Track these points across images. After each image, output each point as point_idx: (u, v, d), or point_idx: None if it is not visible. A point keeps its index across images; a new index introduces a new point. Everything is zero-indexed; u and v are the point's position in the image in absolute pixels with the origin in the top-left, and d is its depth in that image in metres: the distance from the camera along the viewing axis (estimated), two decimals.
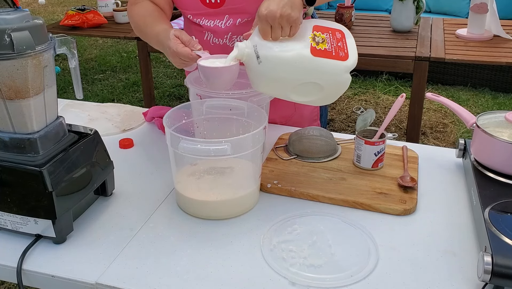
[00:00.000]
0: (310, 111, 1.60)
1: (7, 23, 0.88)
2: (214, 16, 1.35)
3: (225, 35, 1.38)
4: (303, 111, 1.58)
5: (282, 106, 1.52)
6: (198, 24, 1.39)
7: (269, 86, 1.13)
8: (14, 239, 1.01)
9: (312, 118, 1.62)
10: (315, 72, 1.09)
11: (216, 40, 1.39)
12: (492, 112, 1.22)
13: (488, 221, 0.95)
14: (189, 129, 1.18)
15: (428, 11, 4.53)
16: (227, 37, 1.38)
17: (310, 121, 1.61)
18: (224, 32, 1.37)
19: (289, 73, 1.08)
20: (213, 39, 1.39)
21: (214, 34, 1.39)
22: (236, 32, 1.37)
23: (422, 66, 2.52)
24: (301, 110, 1.57)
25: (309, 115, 1.60)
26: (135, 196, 1.17)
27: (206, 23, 1.37)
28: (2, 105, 0.93)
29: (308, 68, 1.08)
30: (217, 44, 1.39)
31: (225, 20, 1.35)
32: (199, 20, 1.38)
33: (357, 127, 1.30)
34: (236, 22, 1.35)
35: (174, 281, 0.91)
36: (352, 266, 0.94)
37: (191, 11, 1.38)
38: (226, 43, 1.38)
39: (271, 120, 1.51)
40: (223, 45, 1.39)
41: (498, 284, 0.86)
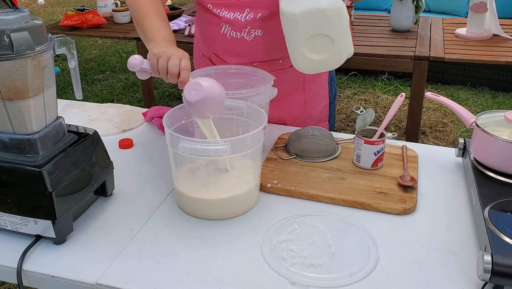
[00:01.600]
0: (319, 111, 1.60)
1: (7, 24, 0.88)
2: (234, 8, 1.35)
3: (244, 29, 1.37)
4: (313, 110, 1.58)
5: (292, 104, 1.52)
6: (216, 16, 1.39)
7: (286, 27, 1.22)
8: (14, 239, 1.01)
9: (321, 118, 1.62)
10: (330, 24, 1.19)
11: (234, 33, 1.38)
12: (492, 112, 1.22)
13: (488, 220, 0.95)
14: (188, 130, 1.18)
15: (428, 11, 4.53)
16: (245, 31, 1.37)
17: (318, 121, 1.61)
18: (243, 26, 1.37)
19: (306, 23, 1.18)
20: (230, 32, 1.39)
21: (232, 27, 1.38)
22: (254, 26, 1.36)
23: (422, 65, 2.52)
24: (311, 109, 1.57)
25: (318, 115, 1.60)
26: (135, 196, 1.17)
27: (225, 14, 1.36)
28: (2, 106, 0.93)
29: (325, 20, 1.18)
30: (234, 37, 1.39)
31: (246, 14, 1.35)
32: (219, 11, 1.37)
33: (357, 127, 1.30)
34: (256, 16, 1.35)
35: (174, 281, 0.91)
36: (352, 265, 0.94)
37: (212, 1, 1.37)
38: (244, 37, 1.38)
39: (280, 118, 1.53)
40: (240, 39, 1.39)
41: (498, 283, 0.86)
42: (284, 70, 1.46)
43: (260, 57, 1.43)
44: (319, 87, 1.57)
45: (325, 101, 1.61)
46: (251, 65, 1.43)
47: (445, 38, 2.82)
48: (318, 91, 1.58)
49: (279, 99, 1.43)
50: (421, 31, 2.92)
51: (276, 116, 1.52)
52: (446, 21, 3.22)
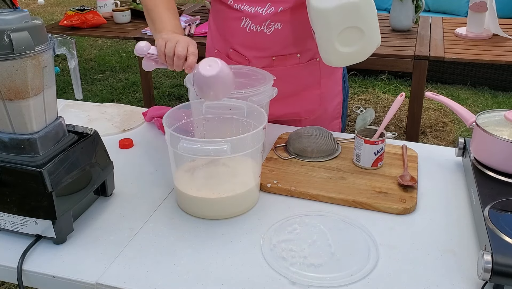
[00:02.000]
0: (333, 107, 1.61)
1: (6, 24, 0.88)
2: (256, 2, 1.37)
3: (264, 22, 1.38)
4: (328, 106, 1.58)
5: (307, 100, 1.53)
6: (237, 10, 1.39)
7: (319, 22, 1.25)
8: (14, 239, 1.01)
9: (334, 115, 1.62)
10: (362, 16, 1.23)
11: (254, 27, 1.39)
12: (492, 111, 1.22)
13: (488, 219, 0.95)
14: (188, 129, 1.18)
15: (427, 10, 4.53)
16: (265, 24, 1.38)
17: (332, 118, 1.62)
18: (264, 19, 1.38)
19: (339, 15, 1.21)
20: (250, 25, 1.39)
21: (252, 21, 1.39)
22: (275, 20, 1.37)
23: (422, 65, 2.52)
24: (326, 105, 1.57)
25: (332, 112, 1.61)
26: (135, 196, 1.17)
27: (247, 8, 1.38)
28: (2, 105, 0.93)
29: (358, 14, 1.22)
30: (254, 31, 1.40)
31: (267, 8, 1.36)
32: (240, 5, 1.38)
33: (357, 126, 1.30)
34: (277, 9, 1.36)
35: (174, 281, 0.91)
36: (352, 265, 0.94)
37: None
38: (264, 30, 1.39)
39: (296, 114, 1.55)
40: (260, 32, 1.39)
41: (498, 282, 0.86)
42: (301, 65, 1.47)
43: (278, 51, 1.44)
44: (334, 84, 1.58)
45: (339, 98, 1.62)
46: (269, 59, 1.44)
47: (445, 37, 2.82)
48: (333, 88, 1.59)
49: (295, 95, 1.46)
50: (421, 31, 2.92)
51: (292, 112, 1.53)
52: (446, 20, 3.22)
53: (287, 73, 1.45)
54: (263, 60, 1.45)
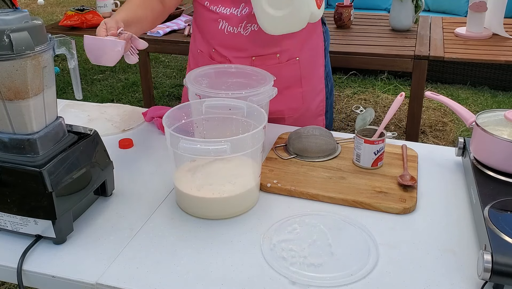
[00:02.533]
0: (316, 105, 1.63)
1: (6, 24, 0.88)
2: (230, 4, 1.39)
3: (240, 24, 1.41)
4: (310, 104, 1.60)
5: (290, 98, 1.55)
6: (213, 12, 1.42)
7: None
8: (14, 239, 1.01)
9: (317, 112, 1.64)
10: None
11: (231, 28, 1.42)
12: (492, 111, 1.22)
13: (487, 219, 0.95)
14: (188, 129, 1.18)
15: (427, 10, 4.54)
16: (241, 25, 1.40)
17: (316, 115, 1.63)
18: (239, 21, 1.40)
19: None
20: (227, 27, 1.42)
21: (228, 23, 1.41)
22: (250, 21, 1.39)
23: (421, 65, 2.52)
24: (308, 103, 1.60)
25: (315, 109, 1.63)
26: (135, 196, 1.17)
27: (222, 10, 1.40)
28: (2, 106, 0.93)
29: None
30: (231, 32, 1.42)
31: (241, 9, 1.39)
32: (216, 7, 1.41)
33: (357, 126, 1.30)
34: (251, 10, 1.37)
35: (174, 281, 0.91)
36: (352, 265, 0.94)
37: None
38: (241, 32, 1.41)
39: (279, 112, 1.56)
40: (237, 34, 1.42)
41: (498, 282, 0.86)
42: (281, 64, 1.49)
43: (257, 51, 1.46)
44: (316, 81, 1.60)
45: (322, 95, 1.64)
46: (249, 59, 1.46)
47: (445, 37, 2.82)
48: (315, 86, 1.61)
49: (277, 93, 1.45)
50: (420, 31, 2.92)
51: (276, 110, 1.54)
52: (446, 20, 3.22)
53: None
54: (243, 60, 1.47)
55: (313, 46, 1.56)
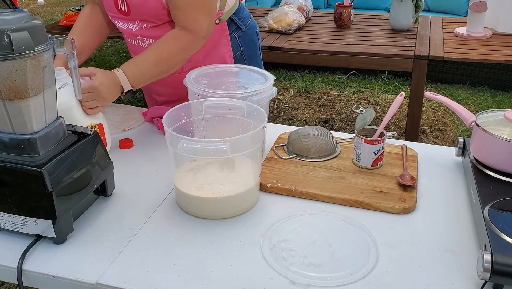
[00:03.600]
0: None
1: (6, 24, 0.88)
2: (127, 20, 1.45)
3: (137, 37, 1.47)
4: None
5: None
6: (117, 26, 1.50)
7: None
8: (14, 239, 1.01)
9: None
10: None
11: (132, 41, 1.50)
12: (491, 111, 1.22)
13: (487, 219, 0.95)
14: (188, 129, 1.18)
15: (427, 10, 4.54)
16: (138, 38, 1.47)
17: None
18: (135, 35, 1.47)
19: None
20: (130, 40, 1.51)
21: (128, 36, 1.50)
22: (145, 35, 1.46)
23: (421, 65, 2.52)
24: None
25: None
26: (135, 196, 1.17)
27: (121, 25, 1.47)
28: (2, 105, 0.93)
29: None
30: (134, 45, 1.50)
31: (136, 25, 1.44)
32: (116, 22, 1.48)
33: (357, 126, 1.30)
34: (142, 26, 1.44)
35: (174, 281, 0.91)
36: (352, 264, 0.94)
37: (110, 13, 1.48)
38: (140, 44, 1.48)
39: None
40: (137, 46, 1.49)
41: (497, 282, 0.86)
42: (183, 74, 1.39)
43: None
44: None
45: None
46: None
47: (445, 37, 2.82)
48: None
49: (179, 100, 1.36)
50: (420, 31, 2.92)
51: None
52: (446, 20, 3.22)
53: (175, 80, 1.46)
54: None
55: (218, 56, 1.53)
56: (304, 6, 3.20)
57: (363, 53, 2.60)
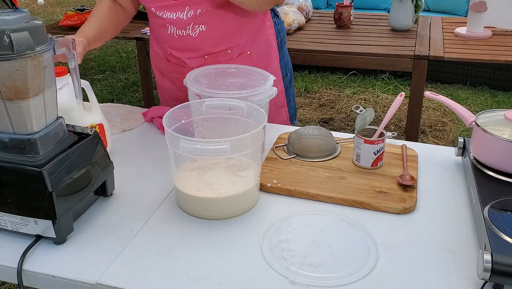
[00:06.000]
0: (276, 96, 1.62)
1: (7, 24, 0.88)
2: (175, 8, 1.41)
3: (188, 26, 1.43)
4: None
5: None
6: (161, 18, 1.45)
7: None
8: (15, 239, 1.01)
9: (279, 104, 1.66)
10: None
11: (180, 32, 1.45)
12: (491, 111, 1.22)
13: (487, 219, 0.95)
14: (188, 129, 1.18)
15: (427, 10, 4.54)
16: (189, 28, 1.43)
17: (277, 107, 1.65)
18: (187, 23, 1.42)
19: None
20: (176, 31, 1.45)
21: (176, 27, 1.44)
22: (197, 22, 1.42)
23: (421, 65, 2.52)
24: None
25: (275, 101, 1.62)
26: (135, 196, 1.17)
27: (168, 15, 1.42)
28: (2, 106, 0.93)
29: None
30: (181, 35, 1.45)
31: (186, 12, 1.40)
32: (162, 13, 1.43)
33: (356, 126, 1.30)
34: (196, 12, 1.40)
35: (174, 281, 0.91)
36: (352, 264, 0.94)
37: (154, 4, 1.44)
38: (190, 34, 1.44)
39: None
40: (186, 36, 1.45)
41: (497, 282, 0.86)
42: (233, 60, 1.50)
43: (209, 50, 1.49)
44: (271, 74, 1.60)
45: (280, 87, 1.65)
46: (202, 58, 1.49)
47: (445, 37, 2.82)
48: None
49: None
50: (420, 31, 2.92)
51: None
52: (446, 20, 3.22)
53: None
54: (196, 60, 1.50)
55: (264, 39, 1.57)
56: (304, 6, 3.20)
57: (363, 53, 2.60)
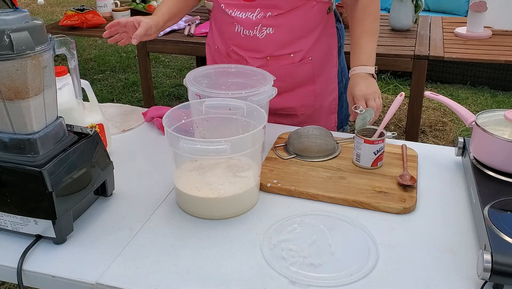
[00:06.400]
0: (329, 103, 1.64)
1: (7, 24, 0.88)
2: (246, 8, 1.42)
3: (256, 27, 1.44)
4: (323, 102, 1.62)
5: (302, 96, 1.58)
6: (229, 16, 1.46)
7: None
8: (15, 239, 1.01)
9: (330, 110, 1.65)
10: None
11: (247, 32, 1.45)
12: (491, 111, 1.22)
13: (487, 219, 0.95)
14: (188, 129, 1.18)
15: (427, 10, 4.53)
16: (257, 28, 1.44)
17: (328, 113, 1.65)
18: (255, 24, 1.43)
19: None
20: (243, 31, 1.46)
21: (244, 26, 1.45)
22: (265, 25, 1.43)
23: (421, 64, 2.52)
24: (321, 101, 1.61)
25: (328, 107, 1.64)
26: (135, 196, 1.17)
27: (238, 14, 1.44)
28: (2, 106, 0.93)
29: None
30: (247, 35, 1.46)
31: (256, 13, 1.42)
32: (231, 11, 1.44)
33: (357, 126, 1.30)
34: (266, 15, 1.41)
35: (174, 281, 0.91)
36: (352, 264, 0.94)
37: (225, 1, 1.45)
38: (256, 35, 1.45)
39: (291, 109, 1.60)
40: (253, 37, 1.45)
41: (497, 282, 0.86)
42: (295, 64, 1.51)
43: (272, 53, 1.49)
44: (328, 81, 1.62)
45: (335, 94, 1.65)
46: (264, 59, 1.49)
47: (445, 37, 2.81)
48: (328, 84, 1.62)
49: (289, 91, 1.53)
50: (420, 30, 2.92)
51: (288, 107, 1.58)
52: (446, 20, 3.22)
53: (281, 72, 1.49)
54: (258, 60, 1.50)
55: (325, 45, 1.57)
56: None
57: None
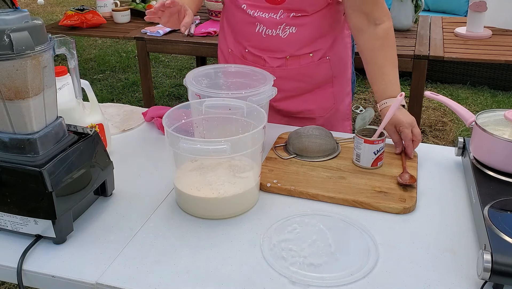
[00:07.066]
0: (345, 107, 1.65)
1: (7, 24, 0.88)
2: (269, 10, 1.41)
3: (279, 26, 1.42)
4: (339, 106, 1.63)
5: (321, 97, 1.58)
6: (251, 16, 1.44)
7: None
8: (14, 239, 1.01)
9: (345, 116, 1.66)
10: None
11: (269, 31, 1.43)
12: (491, 111, 1.22)
13: (487, 219, 0.95)
14: (188, 129, 1.18)
15: (427, 10, 4.53)
16: (280, 28, 1.42)
17: (344, 119, 1.66)
18: (278, 23, 1.42)
19: None
20: (265, 30, 1.44)
21: (266, 26, 1.43)
22: (289, 24, 1.42)
23: (421, 64, 2.52)
24: (338, 104, 1.62)
25: (343, 112, 1.65)
26: (135, 196, 1.17)
27: (261, 15, 1.42)
28: (2, 106, 0.93)
29: None
30: (269, 35, 1.44)
31: (280, 14, 1.41)
32: (254, 11, 1.42)
33: (356, 126, 1.30)
34: (290, 15, 1.40)
35: (174, 281, 0.91)
36: (352, 264, 0.94)
37: (246, 1, 1.43)
38: (279, 34, 1.43)
39: (310, 111, 1.59)
40: (275, 36, 1.44)
41: (497, 282, 0.86)
42: (314, 63, 1.51)
43: (293, 52, 1.48)
44: (345, 83, 1.62)
45: (349, 98, 1.66)
46: (283, 59, 1.48)
47: (445, 37, 2.82)
48: (345, 87, 1.63)
49: (308, 92, 1.53)
50: (420, 30, 2.92)
51: (307, 109, 1.58)
52: (446, 20, 3.22)
53: (300, 72, 1.49)
54: (277, 60, 1.49)
55: (342, 46, 1.57)
56: None
57: None
